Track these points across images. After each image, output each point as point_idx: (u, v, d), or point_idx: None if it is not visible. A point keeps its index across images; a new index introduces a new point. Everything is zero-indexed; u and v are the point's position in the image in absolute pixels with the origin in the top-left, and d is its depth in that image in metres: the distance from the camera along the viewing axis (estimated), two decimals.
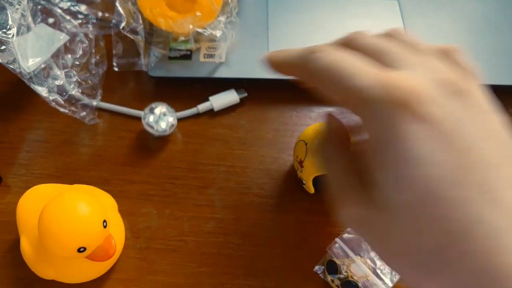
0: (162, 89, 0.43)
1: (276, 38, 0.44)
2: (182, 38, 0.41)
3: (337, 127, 0.29)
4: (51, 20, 0.41)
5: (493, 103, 0.23)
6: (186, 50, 0.42)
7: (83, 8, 0.44)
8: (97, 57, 0.42)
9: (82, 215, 0.29)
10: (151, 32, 0.42)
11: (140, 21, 0.39)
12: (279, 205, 0.38)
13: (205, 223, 0.37)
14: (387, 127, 0.21)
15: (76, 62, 0.40)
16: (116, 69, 0.41)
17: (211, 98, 0.42)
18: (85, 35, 0.42)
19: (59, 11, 0.41)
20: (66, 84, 0.39)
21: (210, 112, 0.42)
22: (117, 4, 0.39)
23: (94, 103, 0.41)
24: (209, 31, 0.40)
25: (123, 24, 0.39)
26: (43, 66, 0.38)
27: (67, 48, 0.41)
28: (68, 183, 0.36)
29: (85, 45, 0.41)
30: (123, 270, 0.35)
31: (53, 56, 0.39)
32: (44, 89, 0.38)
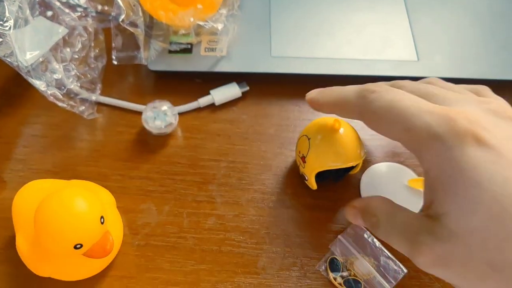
0: (162, 83, 0.43)
1: (279, 31, 0.43)
2: (182, 31, 0.41)
3: (379, 201, 0.30)
4: (49, 13, 0.40)
5: None
6: (186, 43, 0.42)
7: (82, 1, 0.43)
8: (96, 50, 0.41)
9: (79, 211, 0.28)
10: (151, 25, 0.41)
11: (140, 13, 0.39)
12: (280, 201, 0.37)
13: (205, 219, 0.36)
14: (456, 157, 0.23)
15: (75, 56, 0.40)
16: (115, 62, 0.40)
17: (212, 92, 0.41)
18: (84, 28, 0.41)
19: (57, 4, 0.40)
20: (64, 78, 0.38)
21: (211, 106, 0.41)
22: None
23: (93, 97, 0.40)
24: (210, 24, 0.40)
25: (122, 17, 0.38)
26: (41, 59, 0.38)
27: (66, 41, 0.40)
28: (66, 178, 0.35)
29: (84, 38, 0.40)
30: (121, 267, 0.34)
31: (52, 49, 0.38)
32: (42, 83, 0.37)
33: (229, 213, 0.36)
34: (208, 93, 0.41)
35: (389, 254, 0.34)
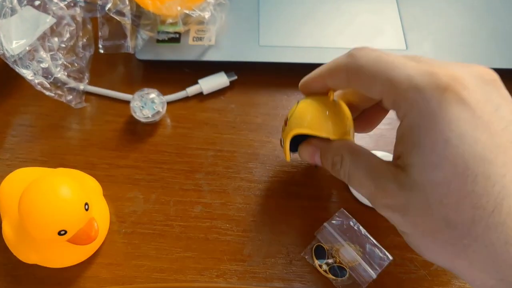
0: (151, 73, 0.43)
1: (267, 20, 0.43)
2: (170, 20, 0.41)
3: (342, 143, 0.30)
4: (37, 3, 0.40)
5: None
6: (174, 32, 0.42)
7: None
8: (84, 40, 0.41)
9: (63, 197, 0.29)
10: (139, 15, 0.41)
11: (127, 2, 0.39)
12: (267, 190, 0.37)
13: (191, 207, 0.36)
14: (431, 110, 0.23)
15: (62, 45, 0.40)
16: (102, 51, 0.40)
17: (200, 81, 0.41)
18: (72, 17, 0.41)
19: None
20: (52, 66, 0.38)
21: (200, 96, 0.41)
22: None
23: (81, 86, 0.40)
24: (197, 13, 0.40)
25: (109, 6, 0.38)
26: (28, 48, 0.38)
27: (53, 31, 0.40)
28: (53, 167, 0.35)
29: (72, 28, 0.40)
30: (107, 255, 0.34)
31: (39, 39, 0.38)
32: (29, 72, 0.37)
33: (216, 201, 0.37)
34: (196, 83, 0.41)
35: (374, 241, 0.34)
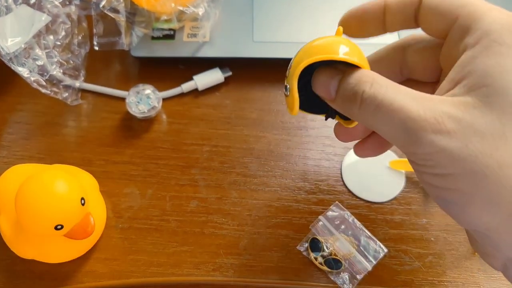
0: (146, 70, 0.43)
1: (261, 16, 0.43)
2: (164, 17, 0.41)
3: None
4: (32, 1, 0.40)
5: None
6: (169, 29, 0.42)
7: None
8: (79, 37, 0.41)
9: (59, 192, 0.29)
10: (133, 12, 0.41)
11: None
12: (262, 184, 0.37)
13: (187, 202, 0.36)
14: None
15: (57, 43, 0.40)
16: (97, 48, 0.40)
17: (195, 77, 0.41)
18: (68, 15, 0.41)
19: None
20: (47, 64, 0.39)
21: (195, 92, 0.42)
22: None
23: (77, 84, 0.41)
24: (191, 9, 0.40)
25: (103, 3, 0.38)
26: (23, 46, 0.38)
27: (49, 29, 0.40)
28: (50, 164, 0.36)
29: (67, 26, 0.40)
30: (104, 250, 0.35)
31: (35, 36, 0.39)
32: (25, 70, 0.37)
33: (211, 196, 0.37)
34: (191, 79, 0.41)
35: (369, 234, 0.35)
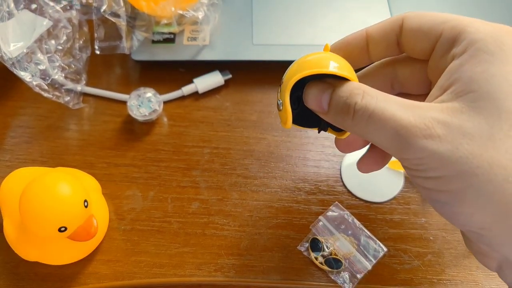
0: (147, 73, 0.43)
1: (260, 19, 0.44)
2: (164, 21, 0.41)
3: None
4: (34, 6, 0.41)
5: None
6: (169, 33, 0.42)
7: None
8: (80, 42, 0.42)
9: (62, 195, 0.29)
10: (134, 16, 0.42)
11: (122, 4, 0.39)
12: (262, 185, 0.38)
13: (189, 204, 0.37)
14: (503, 42, 0.23)
15: (59, 47, 0.40)
16: (98, 52, 0.41)
17: (195, 80, 0.42)
18: (69, 20, 0.41)
19: None
20: (49, 68, 0.39)
21: (195, 95, 0.42)
22: None
23: (79, 87, 0.41)
24: (191, 13, 0.40)
25: (104, 8, 0.39)
26: (26, 51, 0.38)
27: (50, 33, 0.40)
28: (53, 167, 0.36)
29: (68, 30, 0.41)
30: (107, 252, 0.35)
31: (37, 41, 0.39)
32: (27, 74, 0.38)
33: (212, 197, 0.37)
34: (192, 82, 0.42)
35: (369, 233, 0.35)
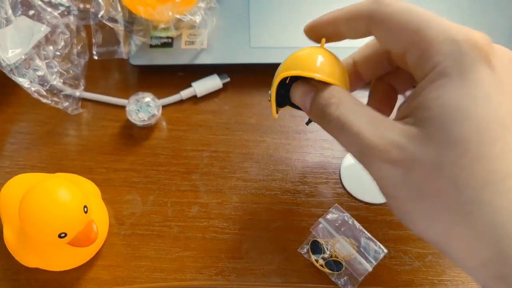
0: (145, 78, 0.43)
1: (258, 22, 0.44)
2: (162, 25, 0.41)
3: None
4: (31, 12, 0.41)
5: None
6: (167, 37, 0.42)
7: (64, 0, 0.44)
8: (78, 47, 0.42)
9: (62, 201, 0.29)
10: (132, 21, 0.42)
11: (119, 9, 0.39)
12: (262, 188, 0.38)
13: (188, 208, 0.37)
14: (466, 64, 0.23)
15: (57, 53, 0.40)
16: (96, 57, 0.41)
17: (194, 84, 0.42)
18: (67, 26, 0.42)
19: (40, 3, 0.41)
20: (47, 74, 0.39)
21: (194, 98, 0.42)
22: None
23: (77, 93, 0.41)
24: (188, 17, 0.40)
25: (102, 13, 0.39)
26: (24, 57, 0.38)
27: (48, 39, 0.40)
28: (52, 173, 0.36)
29: (66, 36, 0.41)
30: (107, 257, 0.35)
31: (35, 47, 0.39)
32: (25, 80, 0.38)
33: (212, 201, 0.37)
34: (190, 86, 0.42)
35: (369, 235, 0.35)
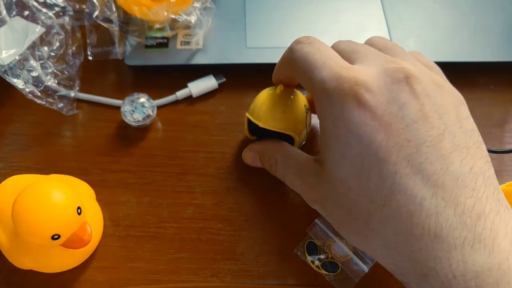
0: (140, 78, 0.43)
1: (254, 22, 0.44)
2: (157, 25, 0.41)
3: (275, 146, 0.35)
4: (26, 13, 0.41)
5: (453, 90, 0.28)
6: (162, 37, 0.42)
7: (59, 0, 0.43)
8: (73, 48, 0.42)
9: (55, 202, 0.29)
10: (126, 21, 0.42)
11: (114, 9, 0.39)
12: (258, 189, 0.37)
13: (184, 209, 0.37)
14: (336, 114, 0.25)
15: (52, 54, 0.40)
16: (91, 58, 0.41)
17: (189, 85, 0.41)
18: (61, 26, 0.41)
19: (34, 3, 0.40)
20: (42, 75, 0.39)
21: (189, 99, 0.42)
22: None
23: (72, 94, 0.41)
24: (184, 17, 0.40)
25: (96, 13, 0.39)
26: (18, 58, 0.38)
27: (43, 40, 0.40)
28: (46, 174, 0.36)
29: (61, 36, 0.41)
30: (102, 259, 0.35)
31: (29, 48, 0.39)
32: (20, 81, 0.38)
33: (208, 202, 0.37)
34: (186, 86, 0.42)
35: None
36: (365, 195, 0.25)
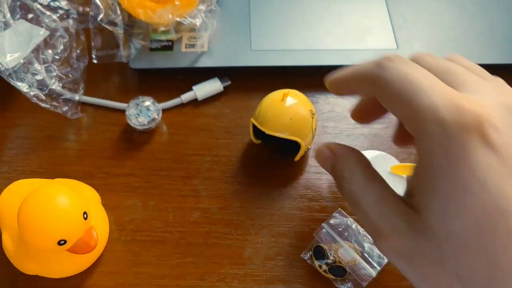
0: (145, 81, 0.43)
1: (258, 25, 0.44)
2: (162, 28, 0.41)
3: (360, 157, 0.27)
4: (30, 16, 0.41)
5: None
6: (167, 40, 0.42)
7: (63, 3, 0.43)
8: (78, 51, 0.41)
9: (62, 207, 0.29)
10: (131, 24, 0.41)
11: (119, 12, 0.39)
12: (265, 193, 0.37)
13: (190, 213, 0.36)
14: (455, 151, 0.20)
15: (56, 57, 0.40)
16: (95, 61, 0.40)
17: (194, 88, 0.41)
18: (66, 29, 0.41)
19: (38, 6, 0.40)
20: (46, 78, 0.39)
21: (194, 102, 0.42)
22: None
23: (77, 97, 0.41)
24: (188, 20, 0.40)
25: (101, 16, 0.39)
26: (22, 61, 0.38)
27: (47, 43, 0.40)
28: (51, 178, 0.36)
29: (65, 39, 0.41)
30: (108, 263, 0.34)
31: (33, 51, 0.39)
32: (24, 85, 0.38)
33: (214, 206, 0.37)
34: (191, 89, 0.41)
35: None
36: (485, 257, 0.20)
